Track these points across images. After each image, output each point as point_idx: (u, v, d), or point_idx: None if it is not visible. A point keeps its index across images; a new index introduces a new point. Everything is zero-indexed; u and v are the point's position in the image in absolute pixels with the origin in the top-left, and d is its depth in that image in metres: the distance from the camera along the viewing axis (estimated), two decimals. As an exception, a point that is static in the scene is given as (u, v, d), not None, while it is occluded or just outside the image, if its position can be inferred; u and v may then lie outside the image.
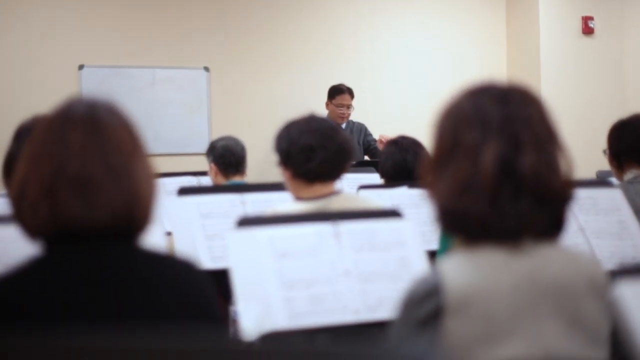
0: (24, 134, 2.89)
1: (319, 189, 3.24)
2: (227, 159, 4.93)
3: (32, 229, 1.68)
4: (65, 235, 1.66)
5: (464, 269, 1.78)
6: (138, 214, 1.70)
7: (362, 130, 7.76)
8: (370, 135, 7.77)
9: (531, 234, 1.80)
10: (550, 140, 1.83)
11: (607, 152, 4.04)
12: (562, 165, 1.83)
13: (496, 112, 1.81)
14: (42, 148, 1.69)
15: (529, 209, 1.77)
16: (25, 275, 1.65)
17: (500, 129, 1.79)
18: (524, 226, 1.78)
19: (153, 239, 1.82)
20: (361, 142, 7.70)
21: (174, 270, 1.75)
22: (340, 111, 7.63)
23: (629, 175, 3.92)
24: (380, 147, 7.61)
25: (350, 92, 7.70)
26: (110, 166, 1.67)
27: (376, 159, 7.33)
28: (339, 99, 7.66)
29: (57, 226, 1.65)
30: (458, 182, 1.78)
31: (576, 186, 1.86)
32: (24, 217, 1.68)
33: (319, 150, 3.21)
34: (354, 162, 6.72)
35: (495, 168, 1.76)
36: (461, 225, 1.80)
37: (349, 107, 7.68)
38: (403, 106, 8.33)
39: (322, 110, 7.72)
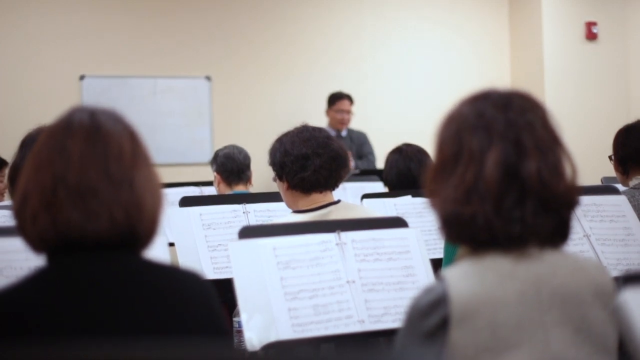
0: (28, 143, 2.89)
1: (317, 198, 3.20)
2: (229, 167, 4.89)
3: (33, 239, 1.66)
4: (66, 245, 1.64)
5: (469, 278, 1.76)
6: (141, 224, 1.67)
7: (360, 142, 7.78)
8: (369, 145, 7.79)
9: (536, 240, 1.78)
10: (553, 145, 1.81)
11: (613, 157, 4.02)
12: (567, 170, 1.82)
13: (498, 118, 1.79)
14: (43, 157, 1.67)
15: (534, 214, 1.76)
16: (28, 287, 1.64)
17: (503, 134, 1.78)
18: (529, 231, 1.77)
19: (155, 250, 1.80)
20: (355, 152, 7.69)
21: (179, 281, 1.73)
22: (339, 117, 7.70)
23: (635, 181, 3.89)
24: None
25: (349, 98, 7.78)
26: (110, 175, 1.65)
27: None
28: (339, 105, 7.75)
29: (58, 236, 1.63)
30: (462, 189, 1.77)
31: (581, 192, 1.85)
32: (25, 227, 1.66)
33: (313, 158, 3.16)
34: (358, 171, 6.73)
35: (499, 173, 1.75)
36: (465, 233, 1.78)
37: (348, 112, 7.78)
38: (405, 113, 8.32)
39: (324, 118, 7.73)
